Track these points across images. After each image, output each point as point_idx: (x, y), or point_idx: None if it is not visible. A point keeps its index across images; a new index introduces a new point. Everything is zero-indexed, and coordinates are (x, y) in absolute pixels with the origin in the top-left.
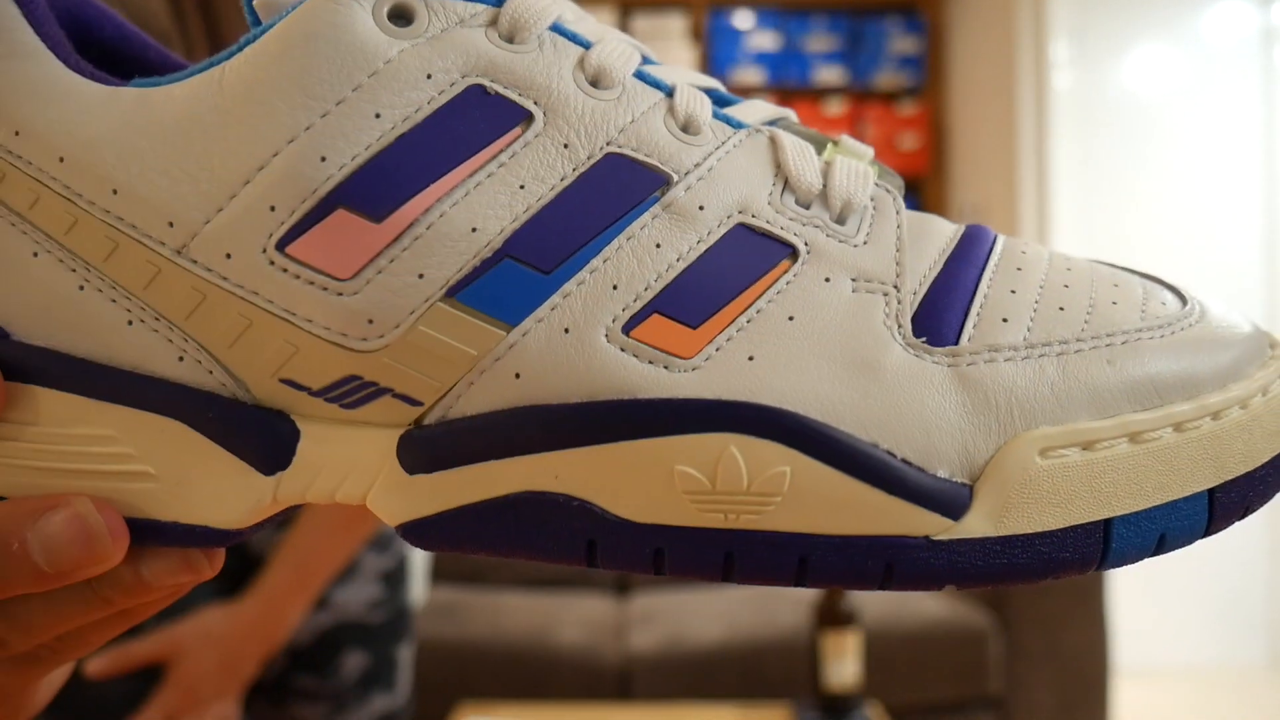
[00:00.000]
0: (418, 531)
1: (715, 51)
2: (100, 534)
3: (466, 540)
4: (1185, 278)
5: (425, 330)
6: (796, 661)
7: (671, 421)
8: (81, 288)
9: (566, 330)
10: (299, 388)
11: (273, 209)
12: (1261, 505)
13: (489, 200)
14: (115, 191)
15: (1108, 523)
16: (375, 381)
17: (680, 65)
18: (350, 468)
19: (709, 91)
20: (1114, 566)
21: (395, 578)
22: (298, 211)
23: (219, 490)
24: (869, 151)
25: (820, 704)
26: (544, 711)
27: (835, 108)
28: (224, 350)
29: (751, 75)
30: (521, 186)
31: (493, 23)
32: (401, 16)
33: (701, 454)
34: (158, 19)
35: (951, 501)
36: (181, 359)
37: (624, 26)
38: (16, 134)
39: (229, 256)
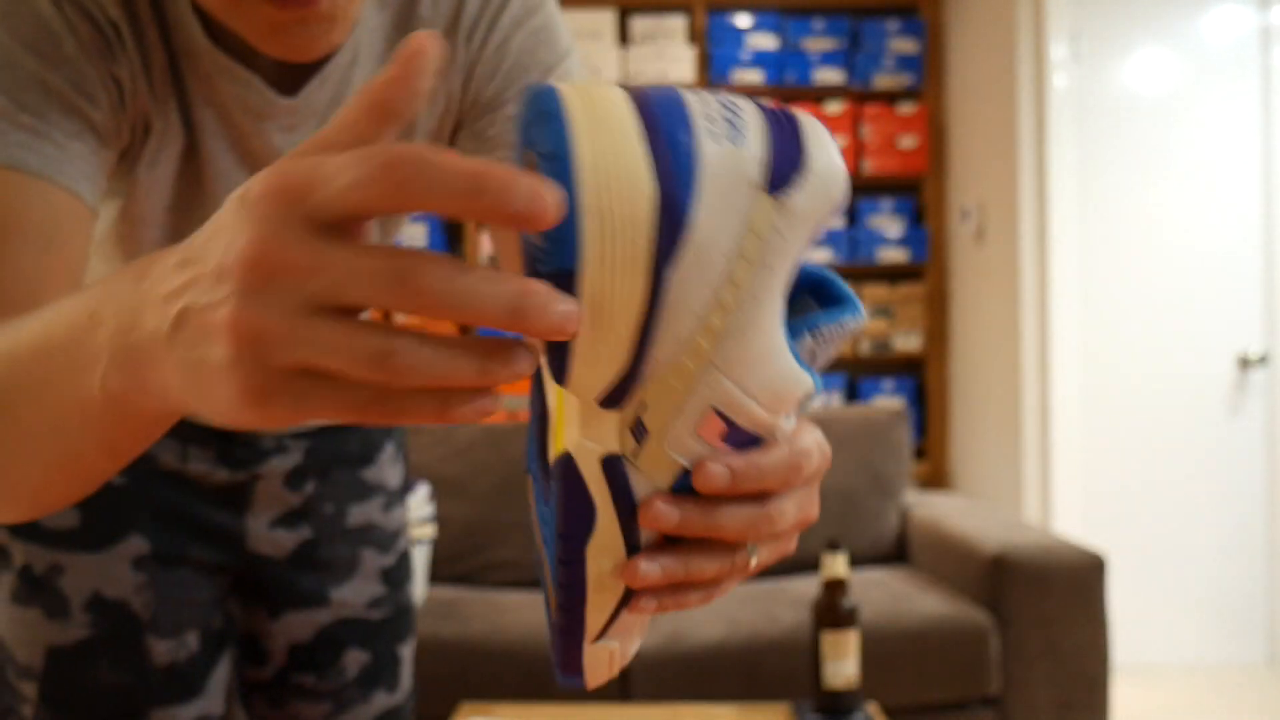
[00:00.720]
0: (564, 461)
1: (715, 51)
2: (575, 322)
3: (556, 472)
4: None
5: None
6: (796, 661)
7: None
8: None
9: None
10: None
11: None
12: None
13: None
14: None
15: None
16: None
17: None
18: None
19: None
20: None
21: (396, 575)
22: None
23: (597, 378)
24: None
25: (820, 704)
26: (544, 711)
27: (835, 108)
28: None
29: (751, 75)
30: None
31: None
32: None
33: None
34: (105, 9)
35: None
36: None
37: (624, 26)
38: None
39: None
